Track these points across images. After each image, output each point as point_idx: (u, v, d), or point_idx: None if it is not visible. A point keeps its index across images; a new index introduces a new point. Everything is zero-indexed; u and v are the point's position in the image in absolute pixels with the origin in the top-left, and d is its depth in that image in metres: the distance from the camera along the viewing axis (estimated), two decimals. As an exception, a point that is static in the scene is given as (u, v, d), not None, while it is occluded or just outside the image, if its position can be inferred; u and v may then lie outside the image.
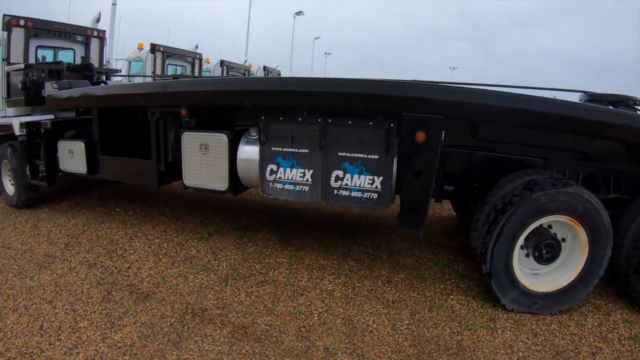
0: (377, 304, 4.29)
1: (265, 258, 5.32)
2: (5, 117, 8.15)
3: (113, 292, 4.45)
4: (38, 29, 8.15)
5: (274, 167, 4.73)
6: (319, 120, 4.44)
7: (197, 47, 12.20)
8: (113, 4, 9.34)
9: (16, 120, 7.18)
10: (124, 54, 13.54)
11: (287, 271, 4.96)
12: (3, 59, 7.85)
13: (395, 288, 4.63)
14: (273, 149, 4.69)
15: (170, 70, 10.85)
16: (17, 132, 7.13)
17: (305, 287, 4.63)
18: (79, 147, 6.36)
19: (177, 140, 5.40)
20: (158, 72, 10.26)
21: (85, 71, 8.17)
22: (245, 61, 17.28)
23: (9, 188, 7.85)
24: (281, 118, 4.64)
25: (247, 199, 7.60)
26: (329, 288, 4.61)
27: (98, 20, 9.14)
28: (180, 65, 11.14)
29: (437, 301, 4.38)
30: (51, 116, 7.58)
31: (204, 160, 5.22)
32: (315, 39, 50.53)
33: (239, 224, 6.48)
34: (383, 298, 4.41)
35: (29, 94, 7.56)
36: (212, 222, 6.59)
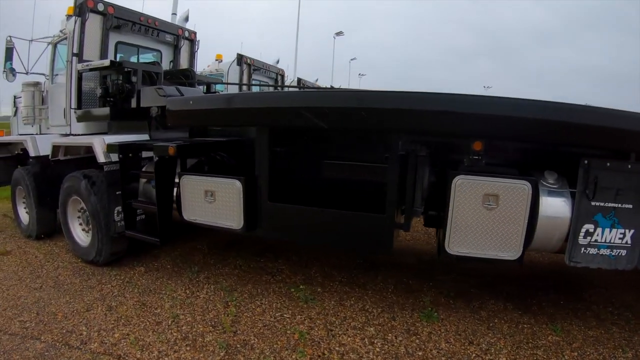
0: None
1: None
2: (73, 134, 5.50)
3: None
4: (120, 18, 5.61)
5: (591, 227, 3.19)
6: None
7: (278, 61, 9.78)
8: (173, 14, 6.75)
9: (99, 141, 4.54)
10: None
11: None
12: (73, 54, 5.25)
13: None
14: (594, 204, 3.17)
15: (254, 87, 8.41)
16: (101, 158, 4.48)
17: None
18: (229, 187, 3.68)
19: (438, 185, 3.49)
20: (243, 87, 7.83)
21: (182, 78, 5.66)
22: (316, 80, 14.79)
23: (80, 235, 5.12)
24: (609, 164, 3.14)
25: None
26: None
27: (186, 19, 6.69)
28: (263, 82, 8.65)
29: None
30: (145, 136, 4.99)
31: (487, 217, 3.07)
32: (352, 60, 45.79)
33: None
34: None
35: (115, 103, 4.97)
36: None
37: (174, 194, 4.14)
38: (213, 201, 3.78)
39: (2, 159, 6.89)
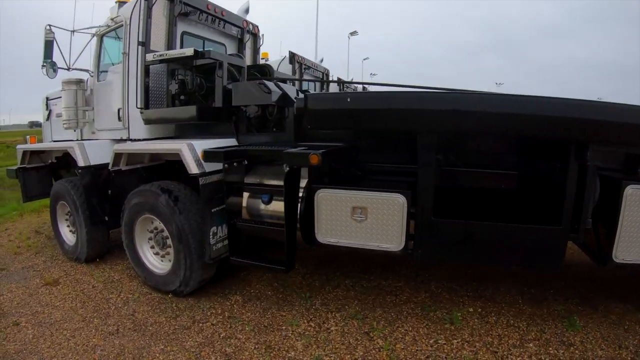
0: None
1: None
2: (132, 139, 4.50)
3: None
4: (188, 5, 4.63)
5: None
6: None
7: (322, 60, 8.83)
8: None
9: (189, 147, 3.57)
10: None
11: None
12: (139, 43, 4.25)
13: None
14: None
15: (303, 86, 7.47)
16: (193, 167, 3.52)
17: None
18: (389, 203, 2.93)
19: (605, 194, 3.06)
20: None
21: (257, 74, 4.74)
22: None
23: (152, 260, 4.13)
24: None
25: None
26: None
27: (247, 11, 5.72)
28: (311, 81, 7.72)
29: None
30: (231, 141, 4.05)
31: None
32: (364, 59, 43.62)
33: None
34: None
35: (198, 102, 4.03)
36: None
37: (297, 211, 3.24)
38: (364, 219, 3.01)
39: (35, 169, 5.77)
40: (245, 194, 3.54)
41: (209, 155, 3.32)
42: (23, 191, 5.76)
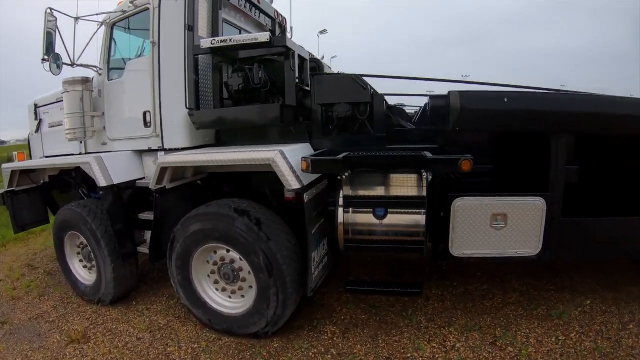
0: None
1: None
2: (166, 149, 3.55)
3: None
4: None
5: None
6: None
7: (323, 58, 7.94)
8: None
9: (281, 157, 2.74)
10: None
11: None
12: (187, 27, 3.29)
13: None
14: None
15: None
16: (292, 182, 2.70)
17: None
18: (529, 207, 2.79)
19: None
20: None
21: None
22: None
23: (217, 299, 3.24)
24: None
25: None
26: None
27: (272, 1, 4.81)
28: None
29: None
30: (306, 146, 3.27)
31: None
32: (333, 57, 43.09)
33: None
34: None
35: (262, 100, 3.22)
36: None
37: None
38: (503, 226, 2.81)
39: (26, 193, 4.50)
40: (349, 209, 2.82)
41: (319, 165, 2.56)
42: (13, 220, 4.48)
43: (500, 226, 2.76)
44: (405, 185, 2.79)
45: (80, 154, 4.33)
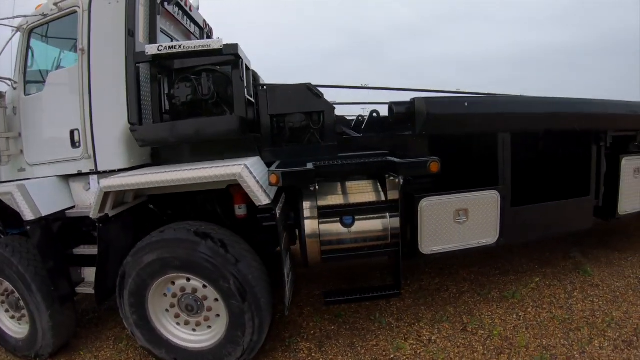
0: None
1: None
2: (96, 172, 3.14)
3: None
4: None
5: None
6: None
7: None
8: None
9: (248, 171, 2.49)
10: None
11: None
12: (128, 33, 2.88)
13: None
14: None
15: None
16: (261, 197, 2.48)
17: None
18: (487, 200, 3.04)
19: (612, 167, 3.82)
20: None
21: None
22: None
23: (186, 336, 2.87)
24: None
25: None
26: None
27: (198, 8, 4.36)
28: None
29: None
30: (256, 160, 3.08)
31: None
32: None
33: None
34: None
35: (207, 113, 2.98)
36: None
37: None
38: (465, 220, 2.98)
39: None
40: (314, 221, 2.71)
41: (289, 178, 2.39)
42: None
43: (462, 220, 2.93)
44: (374, 191, 2.77)
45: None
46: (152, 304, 2.81)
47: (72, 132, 3.12)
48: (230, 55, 2.84)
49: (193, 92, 2.83)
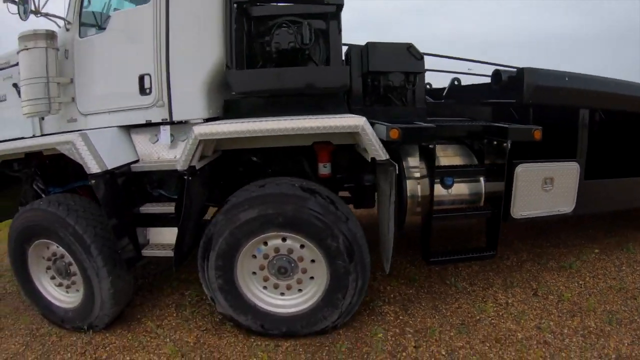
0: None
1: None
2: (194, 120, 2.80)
3: None
4: None
5: None
6: None
7: None
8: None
9: (365, 125, 2.34)
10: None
11: None
12: None
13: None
14: None
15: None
16: (382, 153, 2.36)
17: None
18: (569, 171, 3.09)
19: None
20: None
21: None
22: None
23: (275, 301, 2.68)
24: None
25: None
26: None
27: None
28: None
29: None
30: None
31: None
32: None
33: None
34: None
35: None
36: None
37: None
38: (551, 188, 3.02)
39: None
40: (421, 181, 2.62)
41: (411, 134, 2.27)
42: None
43: (549, 188, 2.96)
44: (466, 155, 2.91)
45: (35, 136, 3.18)
46: (241, 266, 2.59)
47: (141, 78, 2.80)
48: (333, 5, 2.64)
49: (295, 40, 2.60)
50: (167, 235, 2.88)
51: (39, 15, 2.75)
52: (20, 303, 3.40)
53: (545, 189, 2.96)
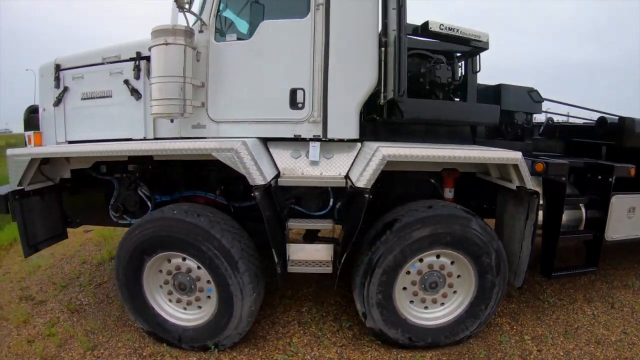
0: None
1: None
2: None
3: None
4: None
5: None
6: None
7: None
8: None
9: (521, 159, 2.66)
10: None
11: None
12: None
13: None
14: None
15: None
16: (532, 183, 2.64)
17: None
18: None
19: None
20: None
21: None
22: None
23: (422, 314, 2.82)
24: None
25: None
26: None
27: None
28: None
29: None
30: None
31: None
32: None
33: None
34: None
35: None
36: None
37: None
38: (632, 216, 3.49)
39: (39, 195, 2.62)
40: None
41: (554, 168, 2.75)
42: (24, 236, 2.49)
43: (631, 216, 3.47)
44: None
45: (145, 139, 2.85)
46: (399, 282, 2.68)
47: (293, 91, 2.75)
48: (479, 49, 2.95)
49: (450, 76, 2.83)
50: (310, 252, 2.81)
51: (183, 11, 2.53)
52: (107, 317, 2.95)
53: (629, 216, 3.46)
